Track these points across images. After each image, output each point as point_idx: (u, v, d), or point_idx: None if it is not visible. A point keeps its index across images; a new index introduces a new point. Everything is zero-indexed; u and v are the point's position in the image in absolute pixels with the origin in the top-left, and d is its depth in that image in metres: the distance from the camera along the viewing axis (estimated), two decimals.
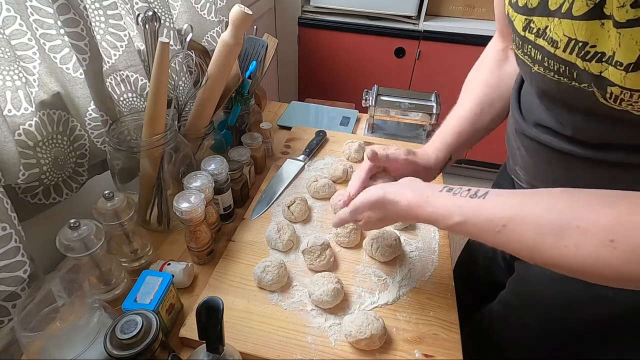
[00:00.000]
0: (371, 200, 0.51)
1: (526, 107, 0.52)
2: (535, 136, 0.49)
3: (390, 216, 0.51)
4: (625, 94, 0.34)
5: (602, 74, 0.34)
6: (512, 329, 0.66)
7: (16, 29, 0.57)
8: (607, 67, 0.33)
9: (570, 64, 0.37)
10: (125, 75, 0.73)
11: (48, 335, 0.46)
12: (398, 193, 0.49)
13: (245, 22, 0.67)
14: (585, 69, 0.36)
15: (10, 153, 0.54)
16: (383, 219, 0.52)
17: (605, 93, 0.35)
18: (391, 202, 0.49)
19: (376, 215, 0.52)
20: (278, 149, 0.99)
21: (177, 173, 0.73)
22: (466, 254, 0.90)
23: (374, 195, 0.51)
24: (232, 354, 0.48)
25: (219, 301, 0.42)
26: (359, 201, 0.53)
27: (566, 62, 0.37)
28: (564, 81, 0.39)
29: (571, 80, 0.38)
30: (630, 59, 0.31)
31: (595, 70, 0.35)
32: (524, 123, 0.51)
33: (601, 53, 0.34)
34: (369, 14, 1.74)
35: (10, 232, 0.51)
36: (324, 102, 1.44)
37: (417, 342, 0.57)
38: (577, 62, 0.36)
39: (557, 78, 0.40)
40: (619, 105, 0.35)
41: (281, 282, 0.63)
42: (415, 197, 0.47)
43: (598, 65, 0.34)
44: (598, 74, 0.35)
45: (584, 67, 0.36)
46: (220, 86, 0.75)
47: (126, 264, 0.65)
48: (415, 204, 0.47)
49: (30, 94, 0.59)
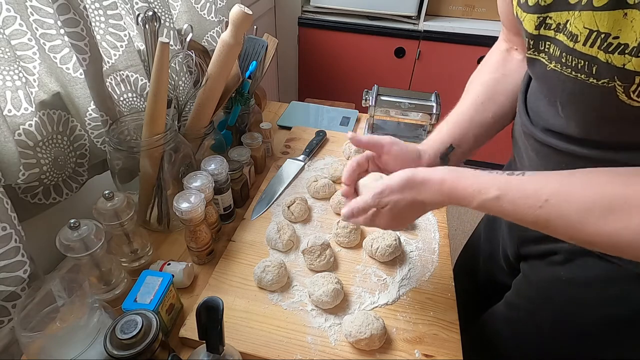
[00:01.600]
0: (399, 182, 0.47)
1: (534, 110, 0.51)
2: (544, 139, 0.48)
3: (420, 198, 0.47)
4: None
5: (626, 66, 0.33)
6: (520, 331, 0.64)
7: (16, 29, 0.57)
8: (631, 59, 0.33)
9: (590, 58, 0.36)
10: (125, 75, 0.73)
11: (48, 335, 0.45)
12: (428, 171, 0.47)
13: (245, 22, 0.67)
14: (607, 61, 0.35)
15: (10, 153, 0.54)
16: (412, 202, 0.48)
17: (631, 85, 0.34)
18: (422, 181, 0.46)
19: (405, 198, 0.47)
20: (278, 149, 0.99)
21: (177, 173, 0.73)
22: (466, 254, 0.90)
23: (402, 176, 0.47)
24: (232, 354, 0.48)
25: (219, 301, 0.42)
26: (382, 185, 0.48)
27: (586, 57, 0.37)
28: (581, 78, 0.38)
29: (589, 76, 0.37)
30: None
31: (619, 62, 0.34)
32: (533, 127, 0.50)
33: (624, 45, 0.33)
34: (369, 14, 1.74)
35: (10, 232, 0.51)
36: (324, 102, 1.44)
37: (417, 342, 0.57)
38: (599, 55, 0.35)
39: (575, 75, 0.39)
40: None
41: (281, 282, 0.63)
42: (448, 173, 0.45)
43: (621, 57, 0.33)
44: (621, 66, 0.34)
45: (606, 59, 0.35)
46: (220, 86, 0.75)
47: (126, 264, 0.65)
48: (449, 178, 0.45)
49: (30, 94, 0.59)
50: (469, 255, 0.88)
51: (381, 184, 0.49)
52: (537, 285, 0.60)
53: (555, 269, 0.55)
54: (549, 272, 0.57)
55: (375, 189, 0.49)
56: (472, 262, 0.84)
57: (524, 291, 0.63)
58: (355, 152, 0.93)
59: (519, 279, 0.64)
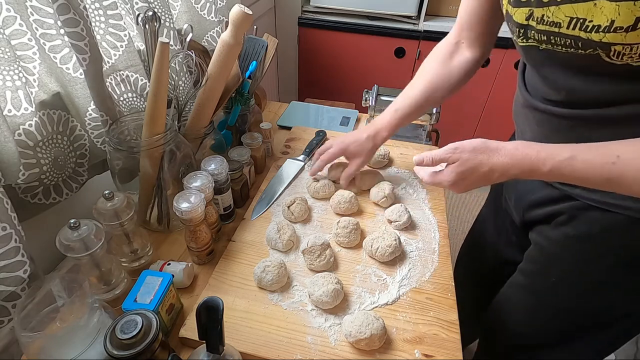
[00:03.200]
0: (474, 144, 0.53)
1: (532, 86, 0.59)
2: (544, 108, 0.55)
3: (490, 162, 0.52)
4: (626, 48, 0.41)
5: (602, 40, 0.42)
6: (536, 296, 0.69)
7: (16, 29, 0.57)
8: (605, 34, 0.42)
9: (575, 37, 0.44)
10: (125, 75, 0.73)
11: (48, 335, 0.45)
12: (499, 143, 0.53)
13: (245, 22, 0.67)
14: (588, 38, 0.43)
15: (10, 153, 0.54)
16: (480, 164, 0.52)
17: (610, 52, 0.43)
18: (496, 147, 0.52)
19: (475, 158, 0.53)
20: (278, 149, 0.99)
21: (177, 173, 0.73)
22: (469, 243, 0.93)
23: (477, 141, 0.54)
24: (232, 354, 0.48)
25: (219, 301, 0.42)
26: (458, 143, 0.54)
27: (571, 37, 0.45)
28: (571, 51, 0.46)
29: (577, 49, 0.45)
30: (629, 23, 0.40)
31: (597, 38, 0.43)
32: (533, 99, 0.58)
33: (598, 25, 0.42)
34: (369, 14, 1.74)
35: (10, 232, 0.51)
36: (324, 102, 1.44)
37: (417, 342, 0.57)
38: (581, 34, 0.44)
39: (565, 50, 0.47)
40: (620, 60, 0.42)
41: (281, 282, 0.63)
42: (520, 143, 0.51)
43: (597, 34, 0.42)
44: (599, 40, 0.43)
45: (587, 37, 0.43)
46: (220, 86, 0.75)
47: (126, 264, 0.65)
48: (521, 146, 0.51)
49: (30, 94, 0.59)
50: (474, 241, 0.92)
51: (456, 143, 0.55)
52: (547, 248, 0.65)
53: (562, 229, 0.61)
54: (557, 233, 0.62)
55: (451, 145, 0.55)
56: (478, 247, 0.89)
57: (536, 257, 0.68)
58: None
59: (530, 249, 0.68)
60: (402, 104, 0.76)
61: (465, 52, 0.74)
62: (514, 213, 0.73)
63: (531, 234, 0.69)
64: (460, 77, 0.74)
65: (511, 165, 0.51)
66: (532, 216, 0.67)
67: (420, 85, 0.75)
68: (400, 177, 0.89)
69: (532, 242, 0.69)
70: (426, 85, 0.75)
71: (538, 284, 0.69)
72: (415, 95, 0.75)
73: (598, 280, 0.60)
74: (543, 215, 0.64)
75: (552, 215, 0.62)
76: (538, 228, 0.67)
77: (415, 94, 0.75)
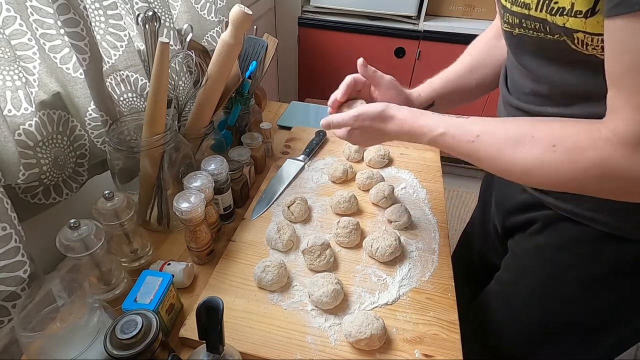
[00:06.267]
0: (375, 111, 0.57)
1: (511, 79, 0.59)
2: (518, 105, 0.56)
3: (386, 129, 0.57)
4: (588, 38, 0.41)
5: (566, 25, 0.41)
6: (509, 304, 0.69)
7: (16, 29, 0.57)
8: (568, 18, 0.41)
9: (542, 20, 0.44)
10: (125, 75, 0.74)
11: (48, 335, 0.45)
12: (397, 108, 0.57)
13: (245, 22, 0.67)
14: (553, 22, 0.43)
15: (10, 153, 0.54)
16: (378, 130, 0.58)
17: (574, 40, 0.42)
18: (390, 116, 0.56)
19: (374, 126, 0.58)
20: (278, 149, 0.99)
21: (177, 173, 0.73)
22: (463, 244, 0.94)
23: (378, 107, 0.57)
24: (232, 354, 0.48)
25: (219, 301, 0.42)
26: (363, 109, 0.58)
27: (538, 19, 0.45)
28: (541, 36, 0.46)
29: (546, 34, 0.45)
30: (587, 6, 0.39)
31: (560, 22, 0.42)
32: (510, 96, 0.59)
33: (562, 8, 0.41)
34: (369, 14, 1.74)
35: (10, 232, 0.51)
36: (324, 102, 1.44)
37: (417, 342, 0.57)
38: (547, 17, 0.43)
39: (536, 35, 0.47)
40: (586, 49, 0.42)
41: (281, 282, 0.63)
42: (410, 112, 0.56)
43: (561, 18, 0.42)
44: (562, 25, 0.42)
45: (552, 20, 0.43)
46: (220, 86, 0.75)
47: (126, 264, 0.65)
48: (410, 117, 0.55)
49: (30, 94, 0.59)
50: (466, 244, 0.92)
51: (360, 109, 0.59)
52: (521, 256, 0.66)
53: (535, 238, 0.62)
54: (530, 242, 0.63)
55: (354, 111, 0.59)
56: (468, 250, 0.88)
57: (510, 264, 0.69)
58: (355, 152, 0.93)
59: (506, 257, 0.69)
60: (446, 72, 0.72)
61: None
62: (495, 219, 0.73)
63: (510, 242, 0.69)
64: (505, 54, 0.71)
65: (402, 134, 0.57)
66: (511, 223, 0.67)
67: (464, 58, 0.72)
68: (400, 177, 0.89)
69: (509, 250, 0.69)
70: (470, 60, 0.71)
71: (509, 294, 0.69)
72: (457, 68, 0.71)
73: (566, 294, 0.60)
74: (520, 223, 0.65)
75: (528, 223, 0.63)
76: (517, 236, 0.67)
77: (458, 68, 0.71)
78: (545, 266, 0.61)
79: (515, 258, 0.67)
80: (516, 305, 0.67)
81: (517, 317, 0.68)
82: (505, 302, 0.70)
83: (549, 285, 0.62)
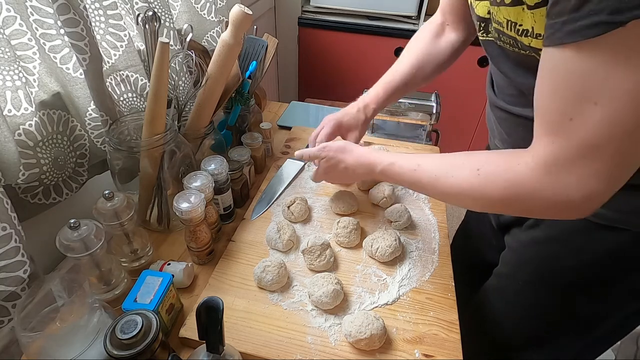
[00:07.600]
0: (338, 145, 0.68)
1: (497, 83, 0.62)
2: (503, 106, 0.59)
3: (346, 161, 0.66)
4: None
5: (531, 45, 0.45)
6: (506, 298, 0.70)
7: (16, 29, 0.57)
8: (532, 39, 0.45)
9: (514, 39, 0.48)
10: (125, 75, 0.73)
11: (48, 335, 0.46)
12: (356, 145, 0.68)
13: (245, 22, 0.67)
14: (521, 41, 0.46)
15: (10, 153, 0.54)
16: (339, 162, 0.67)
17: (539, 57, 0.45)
18: (350, 150, 0.66)
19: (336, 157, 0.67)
20: (278, 149, 0.99)
21: (177, 173, 0.73)
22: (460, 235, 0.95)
23: (341, 142, 0.69)
24: (232, 354, 0.48)
25: (219, 301, 0.42)
26: (328, 143, 0.69)
27: (511, 37, 0.48)
28: (516, 51, 0.50)
29: (520, 49, 0.49)
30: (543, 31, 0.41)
31: (526, 42, 0.45)
32: (496, 98, 0.61)
33: (526, 30, 0.44)
34: (369, 14, 1.74)
35: (10, 232, 0.51)
36: (324, 102, 1.44)
37: (417, 342, 0.57)
38: (517, 36, 0.47)
39: (512, 49, 0.51)
40: None
41: (281, 282, 0.63)
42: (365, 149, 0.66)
43: (527, 39, 0.45)
44: (528, 45, 0.45)
45: (520, 40, 0.47)
46: (220, 86, 0.75)
47: (126, 264, 0.65)
48: (366, 151, 0.65)
49: (30, 94, 0.59)
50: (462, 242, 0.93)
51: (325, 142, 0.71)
52: (517, 250, 0.68)
53: (530, 232, 0.64)
54: (526, 236, 0.65)
55: (322, 144, 0.70)
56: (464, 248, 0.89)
57: (508, 260, 0.70)
58: None
59: (504, 252, 0.71)
60: (390, 78, 0.78)
61: (450, 34, 0.76)
62: (491, 215, 0.75)
63: (506, 237, 0.70)
64: (447, 55, 0.76)
65: (357, 165, 0.65)
66: (506, 218, 0.69)
67: (408, 61, 0.76)
68: None
69: (507, 245, 0.70)
70: (414, 61, 0.76)
71: (507, 288, 0.70)
72: (403, 70, 0.76)
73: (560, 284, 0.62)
74: (515, 217, 0.66)
75: (523, 217, 0.64)
76: (513, 231, 0.68)
77: (403, 69, 0.76)
78: (539, 258, 0.63)
79: (512, 252, 0.68)
80: (512, 297, 0.69)
81: (513, 310, 0.69)
82: (501, 296, 0.71)
83: (545, 276, 0.63)
